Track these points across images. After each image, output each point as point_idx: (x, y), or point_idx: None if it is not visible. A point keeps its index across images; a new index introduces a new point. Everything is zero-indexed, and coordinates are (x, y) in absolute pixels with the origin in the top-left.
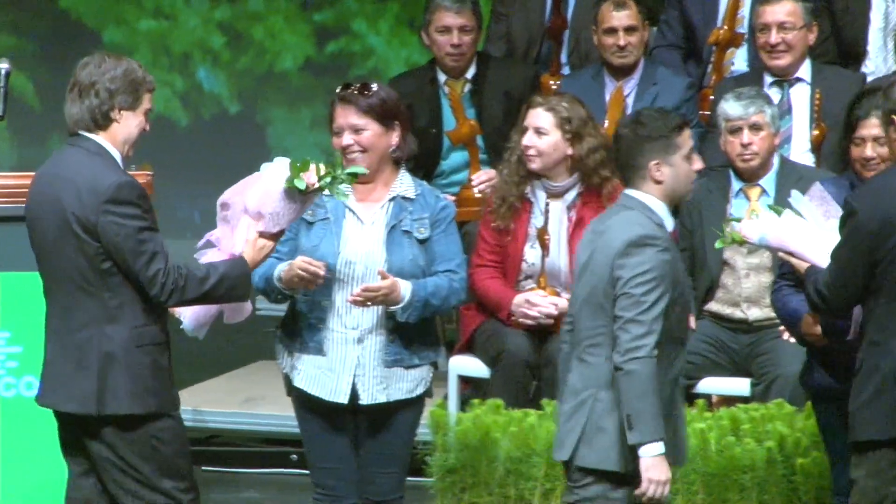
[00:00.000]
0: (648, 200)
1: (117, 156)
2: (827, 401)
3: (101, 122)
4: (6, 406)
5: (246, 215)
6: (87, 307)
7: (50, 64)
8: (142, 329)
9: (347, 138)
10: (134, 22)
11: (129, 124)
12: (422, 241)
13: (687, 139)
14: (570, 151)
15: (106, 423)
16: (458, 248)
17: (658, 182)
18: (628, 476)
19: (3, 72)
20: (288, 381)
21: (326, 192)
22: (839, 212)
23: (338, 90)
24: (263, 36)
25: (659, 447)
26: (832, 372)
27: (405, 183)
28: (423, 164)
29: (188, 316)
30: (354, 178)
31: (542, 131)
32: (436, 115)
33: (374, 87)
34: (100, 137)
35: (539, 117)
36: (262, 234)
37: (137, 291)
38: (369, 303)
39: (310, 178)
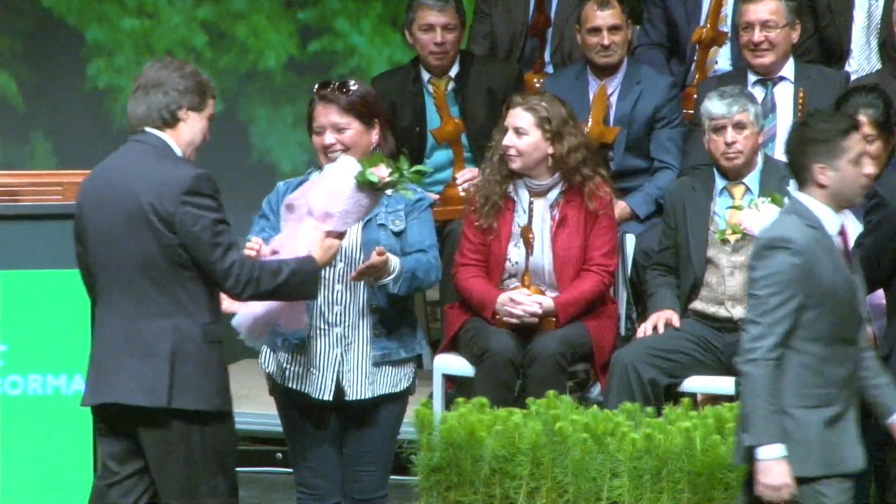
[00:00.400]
0: (810, 203)
1: (180, 153)
2: None
3: (170, 120)
4: None
5: (310, 217)
6: (157, 300)
7: (32, 63)
8: (210, 326)
9: (330, 137)
10: (116, 21)
11: (194, 126)
12: (397, 234)
13: (856, 142)
14: (550, 150)
15: (170, 416)
16: (431, 232)
17: (822, 186)
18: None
19: None
20: (270, 379)
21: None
22: None
23: (316, 89)
24: (246, 35)
25: (773, 450)
26: None
27: None
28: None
29: (245, 325)
30: (421, 176)
31: (522, 131)
32: (419, 114)
33: (353, 85)
34: (165, 135)
35: (519, 117)
36: (328, 234)
37: (207, 287)
38: (371, 279)
39: (381, 172)
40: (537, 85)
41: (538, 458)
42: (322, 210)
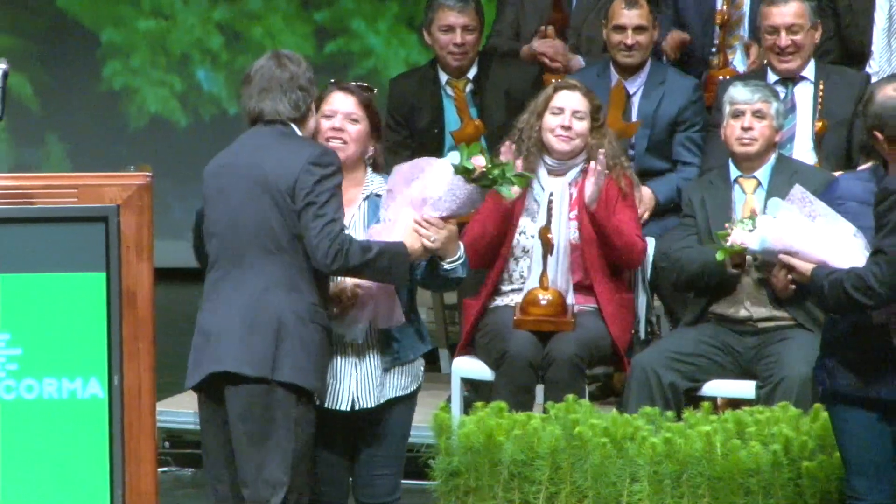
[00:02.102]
0: None
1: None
2: (844, 402)
3: (298, 116)
4: (6, 409)
5: (408, 207)
6: (270, 270)
7: (47, 64)
8: (316, 308)
9: (340, 121)
10: (132, 22)
11: (313, 120)
12: None
13: None
14: (589, 139)
15: (272, 388)
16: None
17: None
18: None
19: (0, 72)
20: None
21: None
22: (826, 209)
23: (335, 80)
24: (262, 36)
25: None
26: (859, 374)
27: (375, 181)
28: None
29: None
30: (524, 182)
31: (581, 115)
32: (437, 115)
33: (367, 85)
34: (295, 126)
35: (577, 101)
36: (428, 223)
37: (308, 254)
38: (433, 238)
39: (478, 161)
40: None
41: (557, 462)
42: (419, 196)
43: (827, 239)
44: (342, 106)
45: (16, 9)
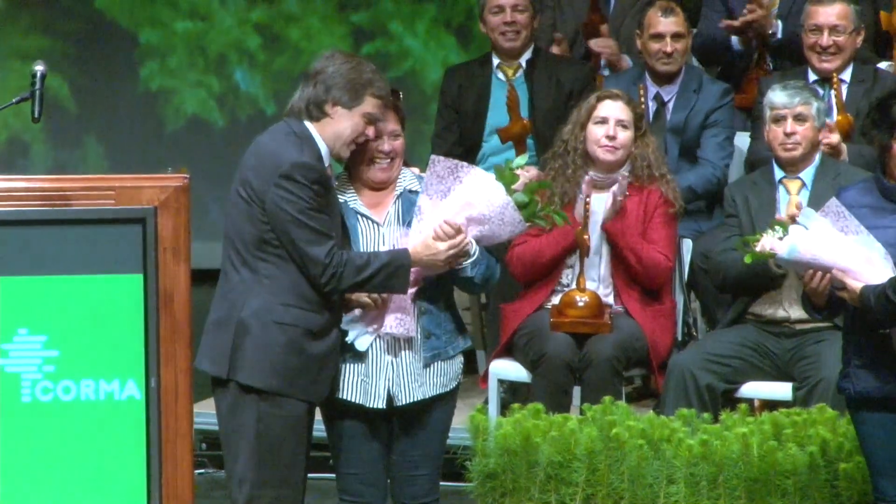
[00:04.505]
0: None
1: (323, 147)
2: (870, 408)
3: (315, 113)
4: (44, 411)
5: (436, 210)
6: (241, 272)
7: (85, 65)
8: (291, 309)
9: (386, 144)
10: (169, 23)
11: (341, 121)
12: None
13: None
14: (633, 148)
15: (233, 388)
16: None
17: None
18: None
19: (38, 74)
20: None
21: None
22: (859, 227)
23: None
24: (299, 37)
25: None
26: (877, 375)
27: (407, 177)
28: (468, 149)
29: (351, 323)
30: (565, 219)
31: (626, 124)
32: (483, 97)
33: (394, 88)
34: (311, 125)
35: (621, 111)
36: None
37: (299, 270)
38: (448, 245)
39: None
40: None
41: (594, 464)
42: (461, 212)
43: (856, 256)
44: (385, 125)
45: (53, 10)
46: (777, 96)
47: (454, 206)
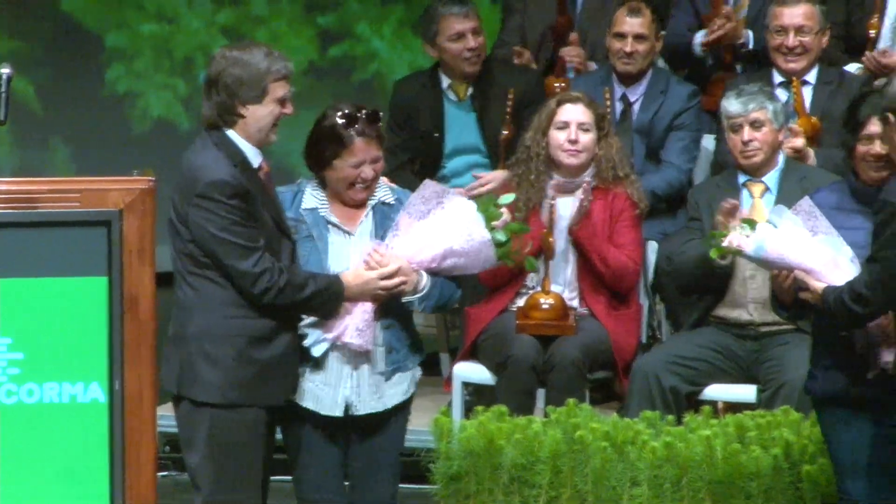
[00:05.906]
0: None
1: (249, 148)
2: (834, 406)
3: (230, 119)
4: (7, 413)
5: (411, 230)
6: (184, 289)
7: (51, 68)
8: (232, 320)
9: (368, 170)
10: (136, 25)
11: (257, 116)
12: None
13: None
14: (597, 150)
15: (185, 403)
16: None
17: None
18: None
19: (4, 77)
20: None
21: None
22: (829, 228)
23: (348, 121)
24: (266, 39)
25: None
26: (843, 376)
27: (381, 190)
28: (425, 169)
29: (310, 332)
30: (531, 266)
31: (586, 127)
32: (438, 120)
33: (372, 111)
34: (230, 131)
35: (581, 113)
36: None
37: (233, 283)
38: (378, 274)
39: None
40: (558, 89)
41: (558, 466)
42: (436, 241)
43: (822, 256)
44: (366, 153)
45: (20, 12)
46: (731, 105)
47: (430, 229)
